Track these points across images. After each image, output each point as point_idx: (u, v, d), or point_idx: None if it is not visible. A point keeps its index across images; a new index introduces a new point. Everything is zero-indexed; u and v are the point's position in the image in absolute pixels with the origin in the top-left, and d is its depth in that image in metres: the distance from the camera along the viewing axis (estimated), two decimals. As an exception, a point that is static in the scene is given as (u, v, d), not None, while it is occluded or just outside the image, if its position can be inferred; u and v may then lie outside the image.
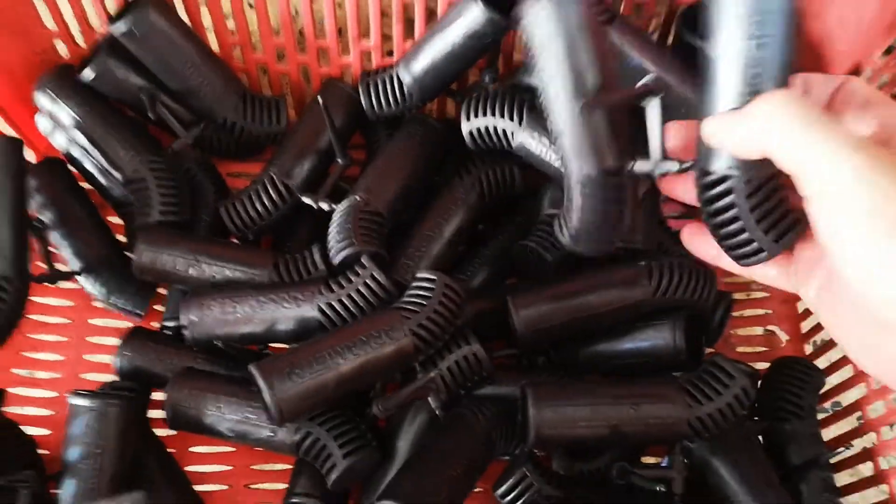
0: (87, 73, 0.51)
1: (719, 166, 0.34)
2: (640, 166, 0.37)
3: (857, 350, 0.34)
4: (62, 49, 0.56)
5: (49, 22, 0.53)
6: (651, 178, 0.38)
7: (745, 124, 0.31)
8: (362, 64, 0.56)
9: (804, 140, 0.29)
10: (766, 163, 0.31)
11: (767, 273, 0.38)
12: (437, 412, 0.45)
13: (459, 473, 0.44)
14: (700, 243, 0.39)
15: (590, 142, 0.36)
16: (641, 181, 0.40)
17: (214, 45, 0.56)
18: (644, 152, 0.37)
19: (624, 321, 0.49)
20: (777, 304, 0.58)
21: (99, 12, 0.52)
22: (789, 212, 0.35)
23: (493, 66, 0.53)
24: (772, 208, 0.35)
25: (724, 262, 0.38)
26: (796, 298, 0.58)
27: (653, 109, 0.36)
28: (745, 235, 0.35)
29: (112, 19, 0.50)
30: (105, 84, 0.51)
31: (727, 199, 0.35)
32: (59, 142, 0.53)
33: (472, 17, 0.47)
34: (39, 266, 0.52)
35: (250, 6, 0.53)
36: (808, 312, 0.57)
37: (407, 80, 0.51)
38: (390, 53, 0.56)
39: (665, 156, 0.37)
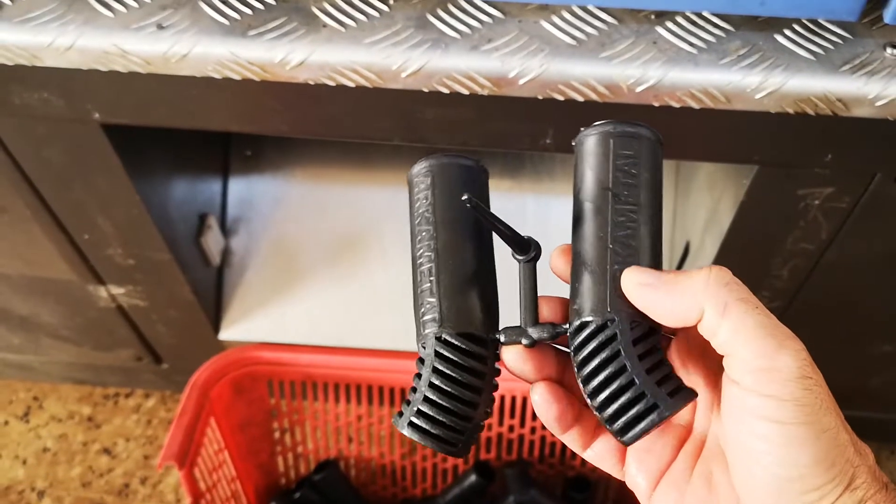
0: (297, 493, 1.09)
1: (599, 311, 0.34)
2: (509, 335, 0.36)
3: None
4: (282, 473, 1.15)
5: (280, 464, 1.14)
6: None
7: (685, 284, 0.33)
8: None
9: (743, 322, 0.32)
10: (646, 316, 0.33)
11: (605, 456, 0.38)
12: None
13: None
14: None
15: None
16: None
17: None
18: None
19: None
20: None
21: (306, 463, 1.13)
22: (672, 370, 0.34)
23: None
24: (661, 359, 0.34)
25: None
26: None
27: (527, 271, 0.36)
28: (633, 391, 0.33)
29: (311, 472, 1.10)
30: (309, 498, 1.09)
31: (611, 348, 0.33)
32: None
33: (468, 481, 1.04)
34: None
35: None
36: None
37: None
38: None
39: (537, 321, 0.36)
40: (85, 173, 0.76)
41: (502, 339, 0.36)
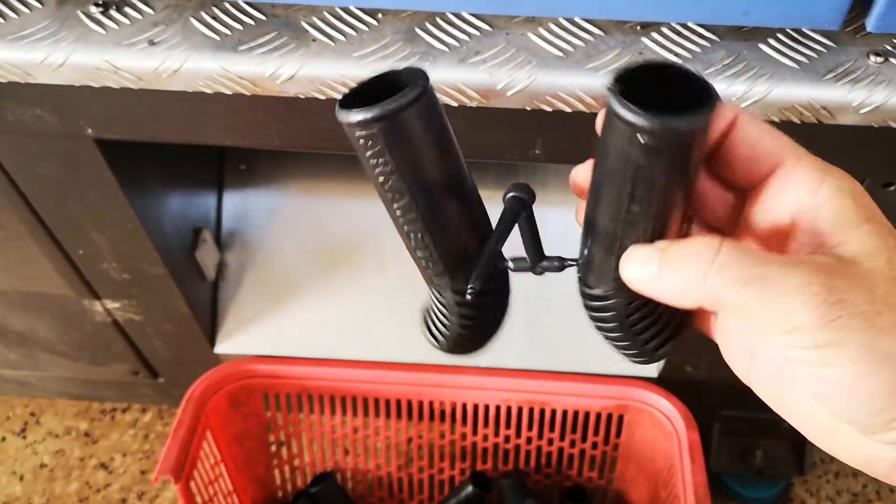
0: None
1: (602, 285, 0.36)
2: (519, 265, 0.39)
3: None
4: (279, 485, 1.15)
5: (277, 477, 1.14)
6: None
7: (679, 276, 0.31)
8: None
9: (751, 295, 0.29)
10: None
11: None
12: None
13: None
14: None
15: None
16: None
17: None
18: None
19: None
20: None
21: (303, 475, 1.13)
22: (668, 324, 0.38)
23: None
24: (651, 324, 0.37)
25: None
26: None
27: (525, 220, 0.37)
28: (627, 342, 0.38)
29: (308, 484, 1.10)
30: (302, 514, 1.09)
31: (610, 316, 0.37)
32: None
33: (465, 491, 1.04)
34: None
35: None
36: None
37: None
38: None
39: (543, 256, 0.38)
40: (79, 189, 0.76)
41: (511, 266, 0.39)
